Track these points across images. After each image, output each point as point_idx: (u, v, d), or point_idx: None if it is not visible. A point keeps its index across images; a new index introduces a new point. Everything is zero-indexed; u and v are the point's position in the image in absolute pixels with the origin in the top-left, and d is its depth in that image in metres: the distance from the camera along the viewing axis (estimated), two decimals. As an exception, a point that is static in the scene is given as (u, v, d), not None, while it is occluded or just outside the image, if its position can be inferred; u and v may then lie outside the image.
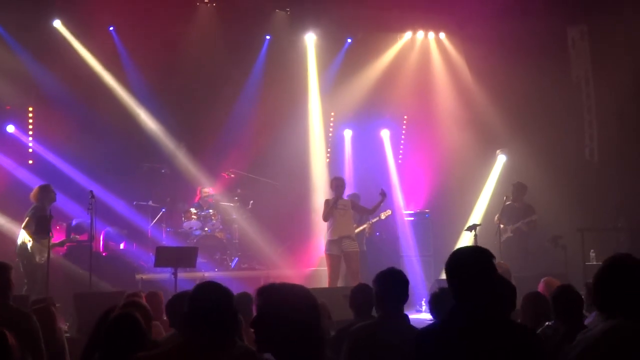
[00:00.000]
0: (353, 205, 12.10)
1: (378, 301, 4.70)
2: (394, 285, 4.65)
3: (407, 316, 4.63)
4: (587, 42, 14.80)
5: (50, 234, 10.88)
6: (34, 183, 12.14)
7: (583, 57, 14.93)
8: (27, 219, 11.17)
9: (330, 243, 11.74)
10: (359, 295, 6.11)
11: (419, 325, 4.93)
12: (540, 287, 7.38)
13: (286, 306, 3.34)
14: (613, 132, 14.27)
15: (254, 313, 3.39)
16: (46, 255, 10.69)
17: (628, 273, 3.59)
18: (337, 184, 11.96)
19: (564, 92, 14.84)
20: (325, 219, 11.84)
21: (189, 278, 11.98)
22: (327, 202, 11.93)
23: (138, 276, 12.59)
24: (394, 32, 15.98)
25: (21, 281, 10.77)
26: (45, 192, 11.42)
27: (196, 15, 14.60)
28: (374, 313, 5.25)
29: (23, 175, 13.50)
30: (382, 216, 13.03)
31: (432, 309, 5.93)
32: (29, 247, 11.07)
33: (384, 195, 11.91)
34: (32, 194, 11.45)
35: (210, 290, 3.67)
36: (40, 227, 10.86)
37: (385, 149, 16.31)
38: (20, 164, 13.71)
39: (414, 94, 15.80)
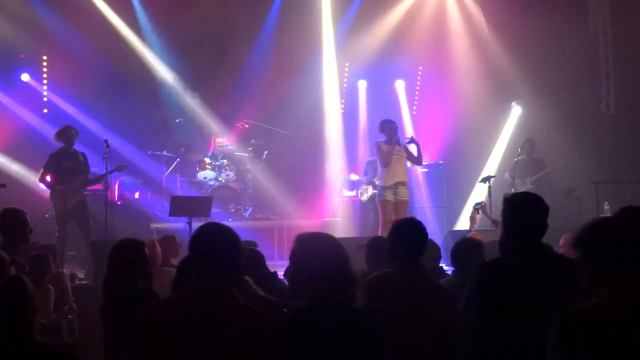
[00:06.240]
0: (406, 150, 11.44)
1: (395, 251, 4.67)
2: (412, 235, 4.64)
3: (423, 266, 4.63)
4: (605, -8, 14.62)
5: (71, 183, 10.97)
6: (49, 132, 12.11)
7: (601, 7, 14.72)
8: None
9: (385, 189, 11.15)
10: (374, 247, 6.15)
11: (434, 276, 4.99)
12: (562, 243, 7.38)
13: (316, 253, 3.49)
14: (630, 84, 14.15)
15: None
16: (71, 202, 10.86)
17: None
18: (391, 127, 11.21)
19: (582, 43, 14.64)
20: (386, 164, 11.14)
21: (203, 227, 12.06)
22: (380, 147, 11.22)
23: (153, 225, 12.72)
24: (410, -19, 15.76)
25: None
26: (64, 132, 11.16)
27: (210, -37, 14.44)
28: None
29: (38, 124, 13.55)
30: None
31: (454, 261, 5.99)
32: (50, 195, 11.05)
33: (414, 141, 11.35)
34: (53, 137, 11.31)
35: (211, 232, 3.37)
36: (55, 176, 10.92)
37: (399, 100, 16.19)
38: (35, 112, 13.73)
39: (429, 45, 15.60)
